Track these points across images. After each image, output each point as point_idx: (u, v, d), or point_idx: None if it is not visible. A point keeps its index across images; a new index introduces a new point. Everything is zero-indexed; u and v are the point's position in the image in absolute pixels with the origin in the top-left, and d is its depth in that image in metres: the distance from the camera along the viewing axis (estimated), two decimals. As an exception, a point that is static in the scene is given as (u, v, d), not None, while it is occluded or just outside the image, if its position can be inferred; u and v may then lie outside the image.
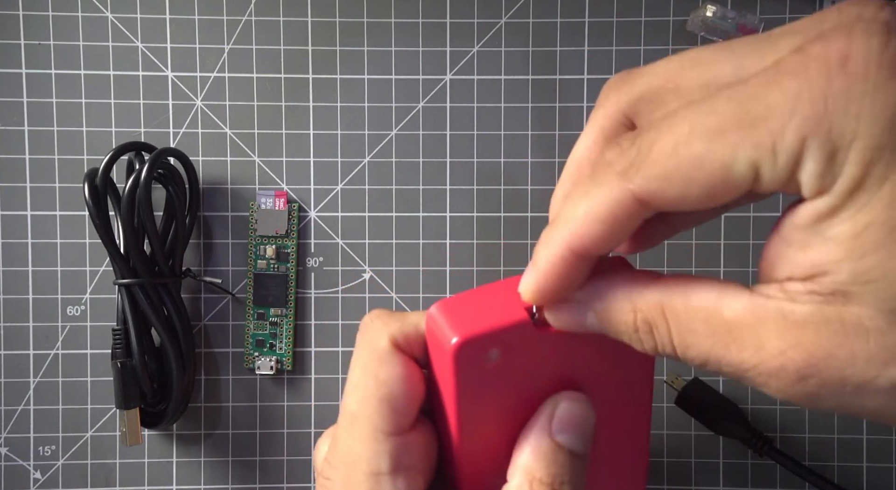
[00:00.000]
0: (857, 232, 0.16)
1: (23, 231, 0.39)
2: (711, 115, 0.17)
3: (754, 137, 0.16)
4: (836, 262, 0.16)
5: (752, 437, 0.36)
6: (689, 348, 0.19)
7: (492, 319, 0.22)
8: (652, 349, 0.20)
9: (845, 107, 0.15)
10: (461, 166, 0.40)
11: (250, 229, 0.39)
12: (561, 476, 0.23)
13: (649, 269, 0.21)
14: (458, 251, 0.40)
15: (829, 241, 0.16)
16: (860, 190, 0.16)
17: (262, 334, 0.39)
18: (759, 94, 0.16)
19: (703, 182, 0.17)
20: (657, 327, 0.19)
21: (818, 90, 0.15)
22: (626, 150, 0.18)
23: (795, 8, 0.39)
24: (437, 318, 0.22)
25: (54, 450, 0.39)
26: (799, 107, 0.16)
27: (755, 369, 0.18)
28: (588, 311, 0.21)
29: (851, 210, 0.16)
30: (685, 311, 0.19)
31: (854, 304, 0.16)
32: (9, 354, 0.39)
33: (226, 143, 0.40)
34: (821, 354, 0.17)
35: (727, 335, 0.18)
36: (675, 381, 0.37)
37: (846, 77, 0.15)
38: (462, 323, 0.22)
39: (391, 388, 0.23)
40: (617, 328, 0.20)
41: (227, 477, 0.40)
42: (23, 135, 0.39)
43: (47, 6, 0.39)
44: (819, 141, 0.15)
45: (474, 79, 0.39)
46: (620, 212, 0.18)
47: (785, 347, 0.17)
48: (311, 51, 0.39)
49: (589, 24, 0.39)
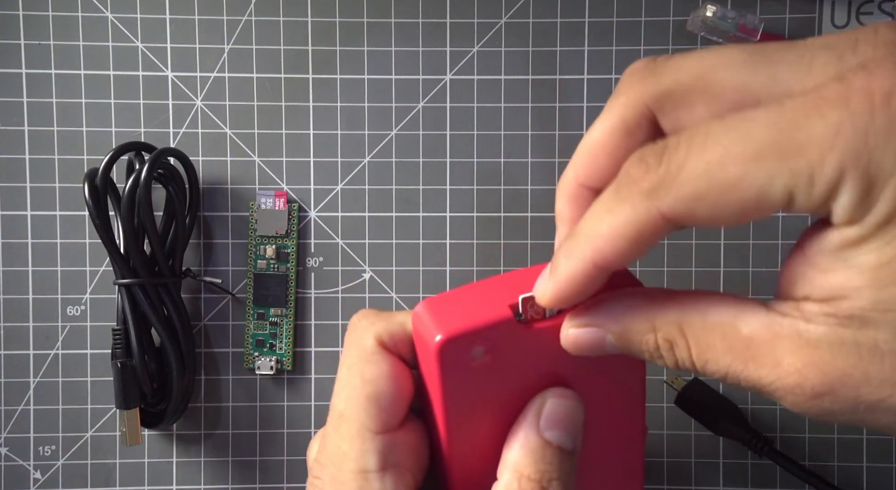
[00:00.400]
0: (883, 263, 0.16)
1: (23, 231, 0.39)
2: (749, 139, 0.17)
3: (793, 165, 0.16)
4: (858, 289, 0.17)
5: (751, 437, 0.36)
6: (709, 363, 0.19)
7: (476, 317, 0.22)
8: (673, 365, 0.20)
9: (885, 143, 0.15)
10: (461, 166, 0.40)
11: (250, 229, 0.39)
12: (549, 473, 0.23)
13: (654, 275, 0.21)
14: (458, 251, 0.40)
15: (853, 269, 0.17)
16: (890, 224, 0.16)
17: (262, 334, 0.39)
18: (801, 122, 0.16)
19: (737, 204, 0.17)
20: (677, 345, 0.20)
21: (861, 124, 0.16)
22: (654, 168, 0.18)
23: (795, 8, 0.39)
24: (422, 316, 0.22)
25: (54, 450, 0.39)
26: (840, 139, 0.16)
27: (772, 385, 0.18)
28: (607, 335, 0.21)
29: (880, 242, 0.16)
30: (703, 328, 0.19)
31: (871, 328, 0.17)
32: (9, 354, 0.39)
33: (226, 143, 0.40)
34: (836, 374, 0.17)
35: (745, 351, 0.18)
36: (675, 381, 0.37)
37: (888, 115, 0.15)
38: (447, 321, 0.22)
39: (377, 387, 0.23)
40: (639, 349, 0.21)
41: (227, 477, 0.40)
42: (23, 135, 0.39)
43: (47, 6, 0.39)
44: (857, 174, 0.16)
45: (474, 79, 0.39)
46: (647, 231, 0.18)
47: (801, 366, 0.18)
48: (311, 51, 0.39)
49: (589, 24, 0.39)
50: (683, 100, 0.20)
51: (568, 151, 0.22)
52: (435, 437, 0.24)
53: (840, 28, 0.39)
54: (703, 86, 0.19)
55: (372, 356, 0.24)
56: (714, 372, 0.19)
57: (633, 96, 0.20)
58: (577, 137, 0.22)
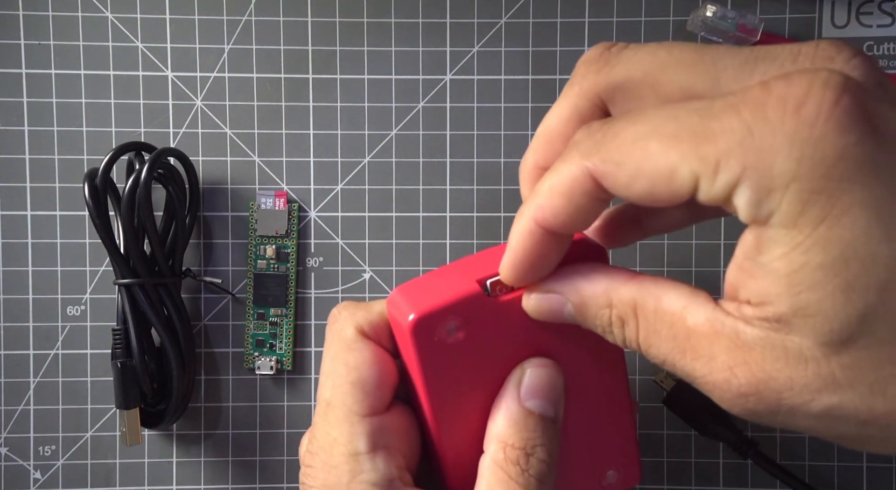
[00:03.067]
0: (794, 269, 0.17)
1: (23, 231, 0.39)
2: (674, 120, 0.18)
3: (702, 152, 0.17)
4: (777, 295, 0.17)
5: (736, 439, 0.37)
6: (651, 347, 0.20)
7: (446, 295, 0.23)
8: (620, 342, 0.21)
9: (789, 148, 0.16)
10: (461, 166, 0.40)
11: (250, 229, 0.39)
12: (533, 440, 0.24)
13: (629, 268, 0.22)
14: (458, 251, 0.40)
15: (771, 275, 0.17)
16: (795, 228, 0.16)
17: (262, 334, 0.39)
18: (719, 116, 0.17)
19: (649, 177, 0.18)
20: (627, 324, 0.21)
21: (769, 127, 0.16)
22: (594, 133, 0.19)
23: (795, 8, 0.39)
24: (396, 301, 0.23)
25: (54, 450, 0.39)
26: (748, 137, 0.16)
27: (703, 378, 0.19)
28: (566, 303, 0.22)
29: (787, 247, 0.17)
30: (654, 312, 0.20)
31: (795, 334, 0.17)
32: (9, 354, 0.39)
33: (226, 143, 0.40)
34: (762, 376, 0.18)
35: (685, 341, 0.19)
36: (663, 380, 0.37)
37: (796, 121, 0.16)
38: (418, 302, 0.23)
39: (361, 373, 0.24)
40: (593, 322, 0.22)
41: (227, 477, 0.40)
42: (23, 135, 0.39)
43: (47, 6, 0.39)
44: (759, 173, 0.16)
45: (474, 79, 0.39)
46: (577, 187, 0.19)
47: (732, 364, 0.18)
48: (311, 51, 0.39)
49: (589, 24, 0.39)
50: (633, 93, 0.21)
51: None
52: (422, 419, 0.25)
53: (841, 28, 0.39)
54: (652, 83, 0.20)
55: (354, 344, 0.24)
56: (655, 356, 0.20)
57: (587, 86, 0.22)
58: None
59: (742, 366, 0.18)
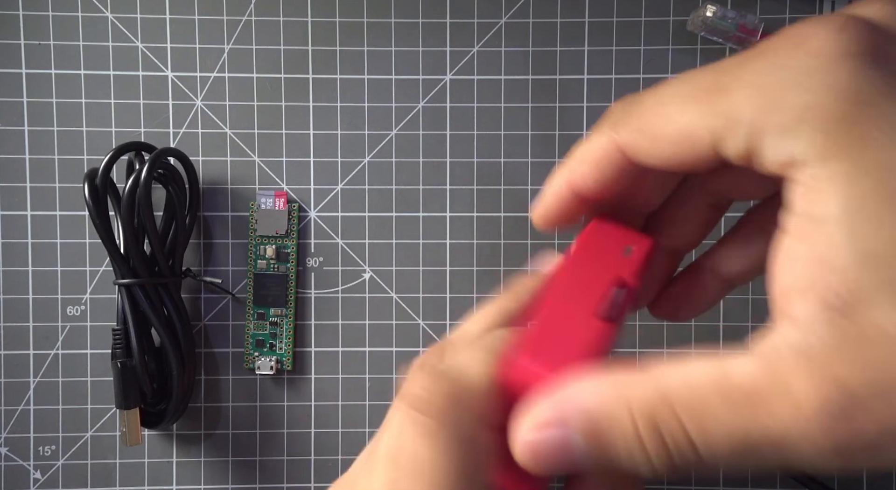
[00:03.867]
0: (852, 208, 0.15)
1: (23, 231, 0.39)
2: (689, 82, 0.18)
3: (717, 107, 0.17)
4: (837, 248, 0.15)
5: None
6: (711, 434, 0.15)
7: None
8: (666, 459, 0.16)
9: (802, 80, 0.16)
10: (461, 166, 0.40)
11: (250, 229, 0.39)
12: None
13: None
14: (458, 251, 0.40)
15: (824, 224, 0.15)
16: (832, 159, 0.15)
17: (262, 334, 0.39)
18: (731, 69, 0.17)
19: (670, 140, 0.18)
20: (664, 422, 0.16)
21: (779, 66, 0.16)
22: (626, 106, 0.20)
23: (795, 8, 0.39)
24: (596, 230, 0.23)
25: (54, 450, 0.39)
26: (760, 81, 0.16)
27: (795, 425, 0.15)
28: (571, 434, 0.17)
29: (833, 183, 0.15)
30: (690, 391, 0.16)
31: (865, 305, 0.14)
32: (9, 354, 0.39)
33: (226, 143, 0.40)
34: (867, 376, 0.14)
35: (747, 401, 0.15)
36: None
37: (805, 55, 0.16)
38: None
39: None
40: (616, 445, 0.16)
41: (227, 477, 0.40)
42: (23, 135, 0.39)
43: (47, 6, 0.39)
44: (776, 112, 0.16)
45: (474, 79, 0.39)
46: (603, 156, 0.20)
47: (819, 384, 0.14)
48: (311, 51, 0.39)
49: (589, 24, 0.39)
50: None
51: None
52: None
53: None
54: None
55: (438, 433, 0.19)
56: (721, 442, 0.15)
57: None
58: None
59: (830, 383, 0.14)
